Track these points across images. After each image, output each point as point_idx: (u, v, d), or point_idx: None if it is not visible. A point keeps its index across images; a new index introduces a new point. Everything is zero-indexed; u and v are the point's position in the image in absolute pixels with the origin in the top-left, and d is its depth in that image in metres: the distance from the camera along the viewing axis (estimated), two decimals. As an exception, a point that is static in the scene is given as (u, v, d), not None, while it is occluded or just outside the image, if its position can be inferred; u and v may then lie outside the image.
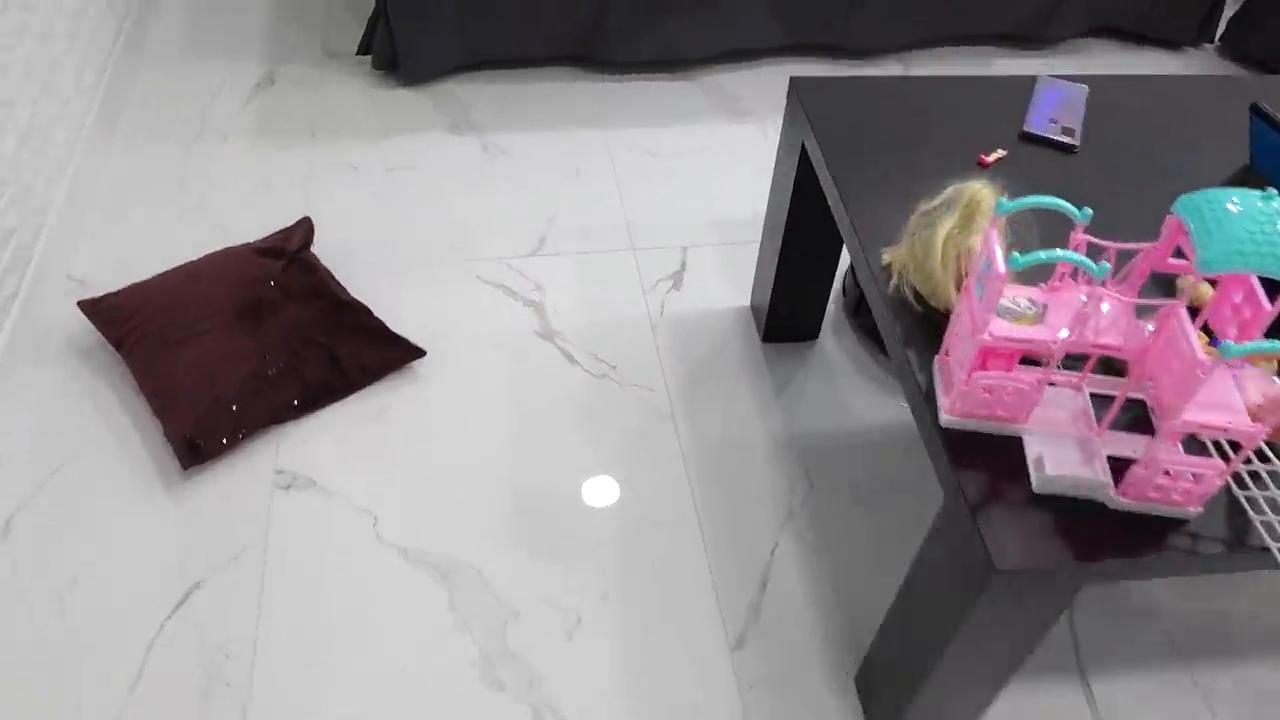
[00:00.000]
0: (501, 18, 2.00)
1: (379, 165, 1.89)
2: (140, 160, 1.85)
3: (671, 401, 1.51)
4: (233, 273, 1.46)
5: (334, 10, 2.27)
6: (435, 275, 1.68)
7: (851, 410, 1.52)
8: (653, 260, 1.74)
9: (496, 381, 1.52)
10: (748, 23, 2.10)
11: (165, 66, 2.08)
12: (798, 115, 1.33)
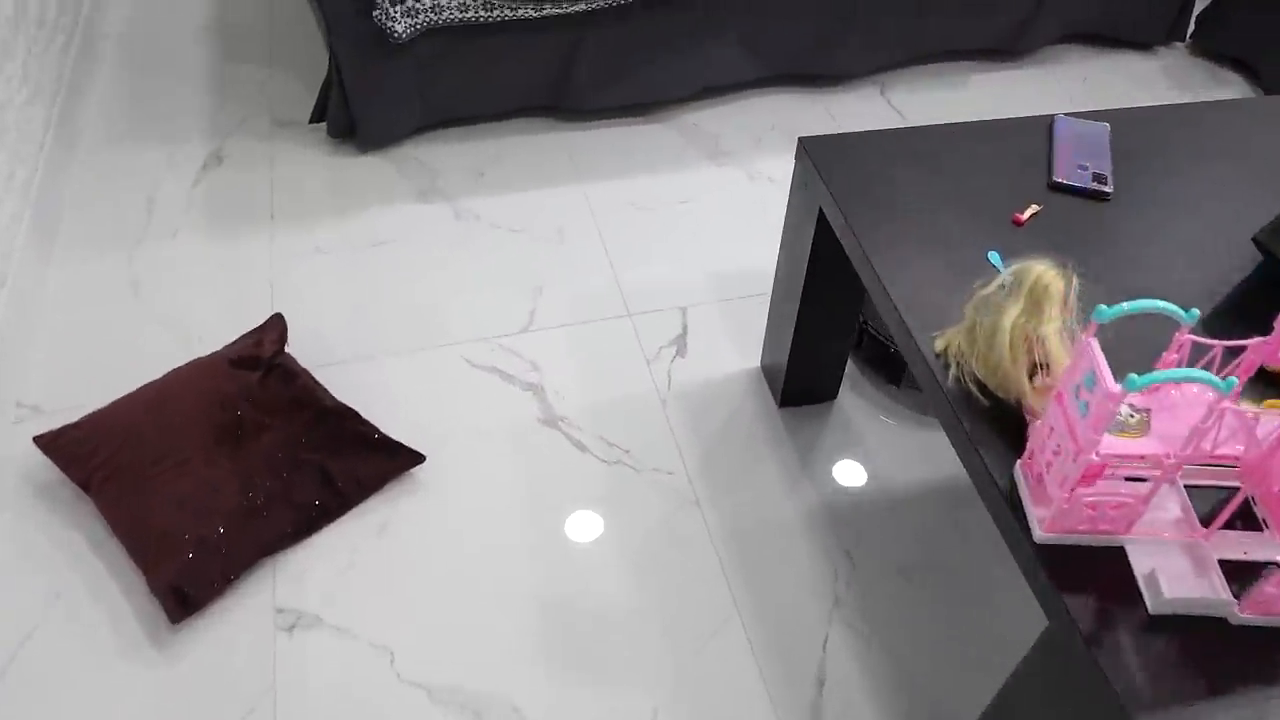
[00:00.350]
0: (462, 75, 1.89)
1: (347, 245, 1.76)
2: (85, 266, 1.70)
3: (693, 484, 1.42)
4: (205, 392, 1.33)
5: (278, 77, 2.14)
6: (422, 364, 1.56)
7: (881, 472, 1.44)
8: (652, 326, 1.64)
9: (503, 480, 1.41)
10: (722, 60, 2.02)
11: (102, 154, 1.93)
12: (811, 179, 1.24)
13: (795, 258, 1.34)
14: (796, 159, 1.28)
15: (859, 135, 1.27)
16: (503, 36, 1.85)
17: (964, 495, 1.42)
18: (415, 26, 1.76)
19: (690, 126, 2.06)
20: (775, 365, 1.51)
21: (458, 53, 1.85)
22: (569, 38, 1.89)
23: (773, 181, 1.94)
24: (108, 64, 2.14)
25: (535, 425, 1.49)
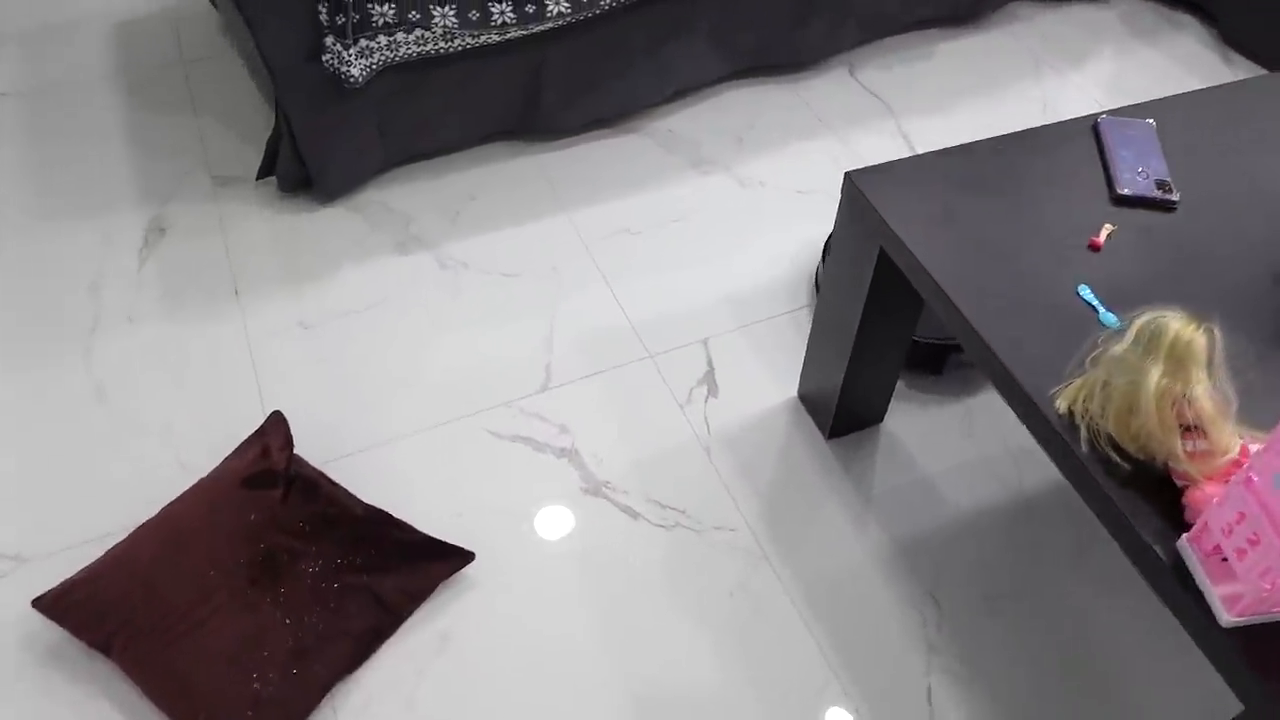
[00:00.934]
0: (424, 110, 1.74)
1: (329, 313, 1.61)
2: (36, 378, 1.51)
3: (758, 539, 1.35)
4: (225, 527, 1.19)
5: (208, 126, 1.94)
6: (442, 442, 1.45)
7: (945, 497, 1.40)
8: (676, 365, 1.55)
9: (558, 562, 1.32)
10: (689, 62, 1.90)
11: (25, 242, 1.71)
12: (868, 218, 1.16)
13: (847, 291, 1.27)
14: (844, 194, 1.20)
15: (904, 163, 1.19)
16: (464, 64, 1.71)
17: (1031, 509, 1.39)
18: (371, 67, 1.60)
19: (666, 134, 1.95)
20: (819, 395, 1.44)
21: (418, 87, 1.70)
22: (533, 58, 1.75)
23: (764, 185, 1.85)
24: (8, 131, 1.91)
25: (579, 496, 1.39)
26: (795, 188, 1.85)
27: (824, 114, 2.01)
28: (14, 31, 2.14)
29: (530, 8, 1.62)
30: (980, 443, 1.47)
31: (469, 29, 1.61)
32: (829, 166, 1.90)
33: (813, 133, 1.97)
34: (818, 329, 1.38)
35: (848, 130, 1.98)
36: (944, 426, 1.48)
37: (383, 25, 1.56)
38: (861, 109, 2.02)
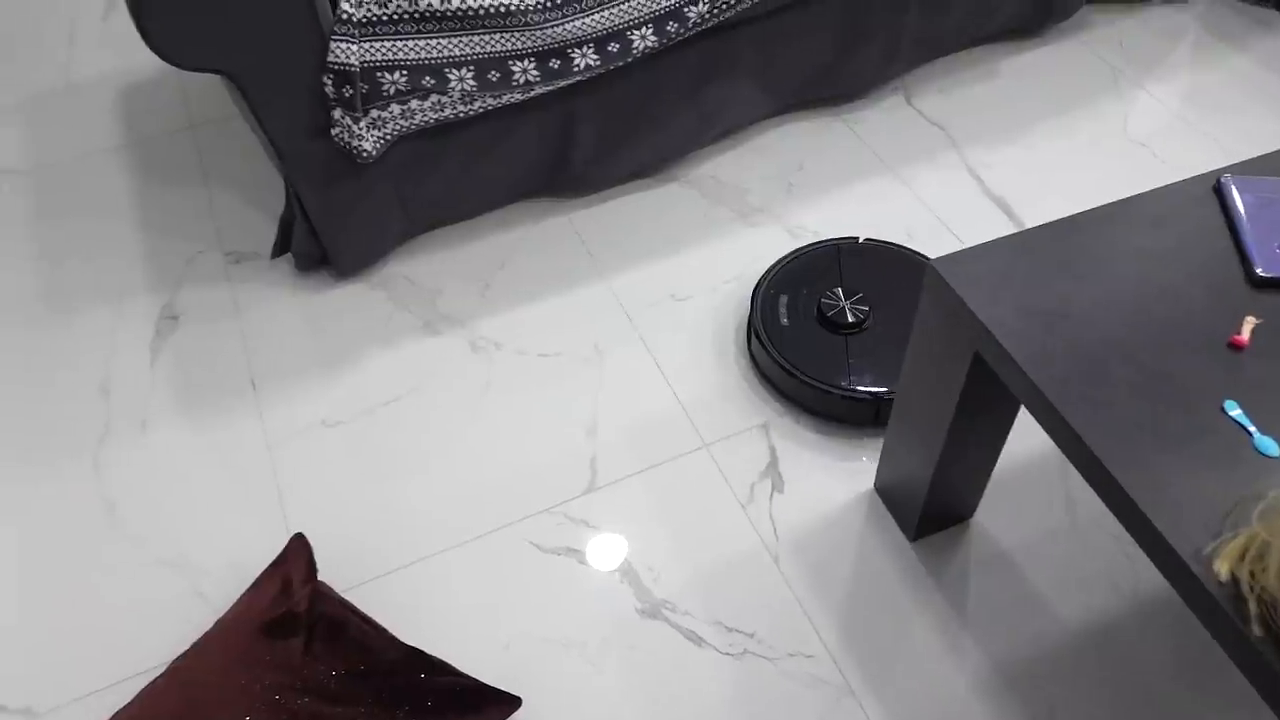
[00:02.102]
0: (447, 177, 1.60)
1: (354, 408, 1.48)
2: (40, 499, 1.40)
3: (840, 668, 1.19)
4: (244, 691, 1.07)
5: (220, 200, 1.82)
6: (480, 558, 1.31)
7: (1052, 606, 1.23)
8: (734, 455, 1.40)
9: (613, 701, 1.17)
10: (731, 103, 1.74)
11: (31, 339, 1.61)
12: (960, 316, 0.99)
13: (936, 387, 1.10)
14: (927, 285, 1.04)
15: (997, 246, 1.03)
16: (487, 126, 1.56)
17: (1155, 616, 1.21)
18: (385, 138, 1.46)
19: (710, 181, 1.79)
20: (901, 489, 1.28)
21: (438, 153, 1.55)
22: (561, 112, 1.60)
23: (818, 237, 1.69)
24: (10, 210, 1.81)
25: (636, 619, 1.24)
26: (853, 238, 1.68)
27: (880, 149, 1.83)
28: (16, 102, 2.04)
29: (555, 63, 1.47)
30: (1086, 535, 1.29)
31: (489, 90, 1.46)
32: (889, 210, 1.73)
33: (868, 171, 1.79)
34: (899, 418, 1.22)
35: (907, 166, 1.80)
36: (1044, 518, 1.31)
37: (395, 94, 1.42)
38: (921, 141, 1.85)
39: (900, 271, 1.53)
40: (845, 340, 1.43)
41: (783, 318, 1.45)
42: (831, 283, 1.50)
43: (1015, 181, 1.76)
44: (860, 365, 1.40)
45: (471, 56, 1.43)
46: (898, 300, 1.49)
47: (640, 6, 1.48)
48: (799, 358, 1.41)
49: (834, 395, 1.37)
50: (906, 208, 1.73)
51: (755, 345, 1.46)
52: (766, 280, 1.51)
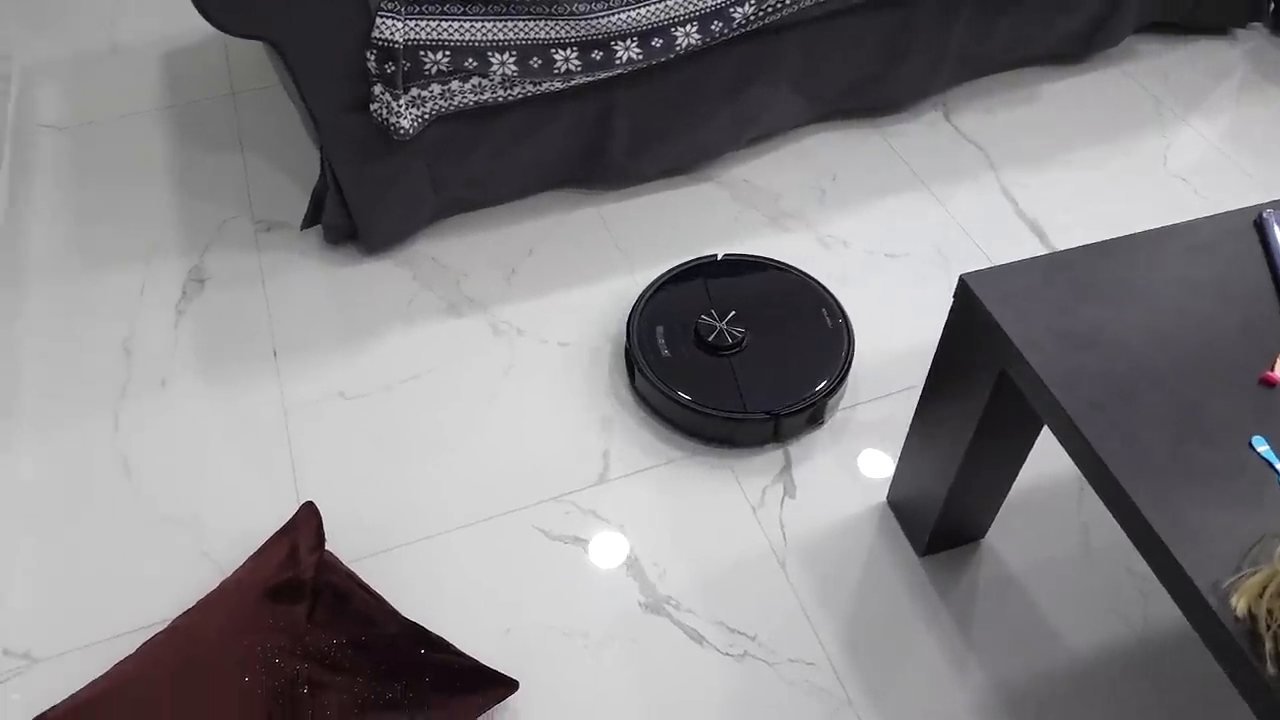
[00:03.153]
0: (480, 160, 1.60)
1: (372, 383, 1.49)
2: (60, 450, 1.41)
3: (840, 679, 1.18)
4: (245, 655, 1.07)
5: (255, 167, 1.83)
6: (487, 540, 1.31)
7: (1059, 633, 1.21)
8: (749, 458, 1.39)
9: (611, 694, 1.17)
10: (770, 107, 1.74)
11: (61, 290, 1.62)
12: (989, 334, 0.98)
13: (957, 404, 1.09)
14: (957, 299, 1.03)
15: (1031, 265, 1.02)
16: (525, 112, 1.56)
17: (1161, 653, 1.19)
18: (423, 118, 1.46)
19: (742, 184, 1.78)
20: (913, 504, 1.27)
21: (474, 136, 1.56)
22: (599, 104, 1.60)
23: (848, 246, 1.68)
24: (50, 165, 1.82)
25: (638, 613, 1.24)
26: (883, 250, 1.67)
27: (915, 164, 1.83)
28: (62, 60, 2.06)
29: (597, 54, 1.47)
30: (1099, 565, 1.28)
31: (530, 77, 1.47)
32: (920, 227, 1.72)
33: (903, 186, 1.79)
34: (917, 433, 1.21)
35: (942, 183, 1.79)
36: (1057, 544, 1.30)
37: (436, 73, 1.42)
38: (957, 159, 1.84)
39: (765, 283, 1.53)
40: (730, 361, 1.42)
41: (663, 349, 1.43)
42: (702, 305, 1.49)
43: (1050, 205, 1.75)
44: (749, 384, 1.39)
45: (515, 41, 1.43)
46: (768, 313, 1.49)
47: (686, 4, 1.48)
48: (688, 387, 1.39)
49: (729, 419, 1.36)
50: (938, 224, 1.72)
51: (640, 380, 1.43)
52: (639, 312, 1.48)
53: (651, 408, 1.44)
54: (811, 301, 1.50)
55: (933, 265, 1.65)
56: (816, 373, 1.41)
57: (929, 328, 1.56)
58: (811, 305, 1.50)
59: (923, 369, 1.50)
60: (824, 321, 1.48)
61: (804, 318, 1.48)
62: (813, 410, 1.38)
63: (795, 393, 1.38)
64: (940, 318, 1.58)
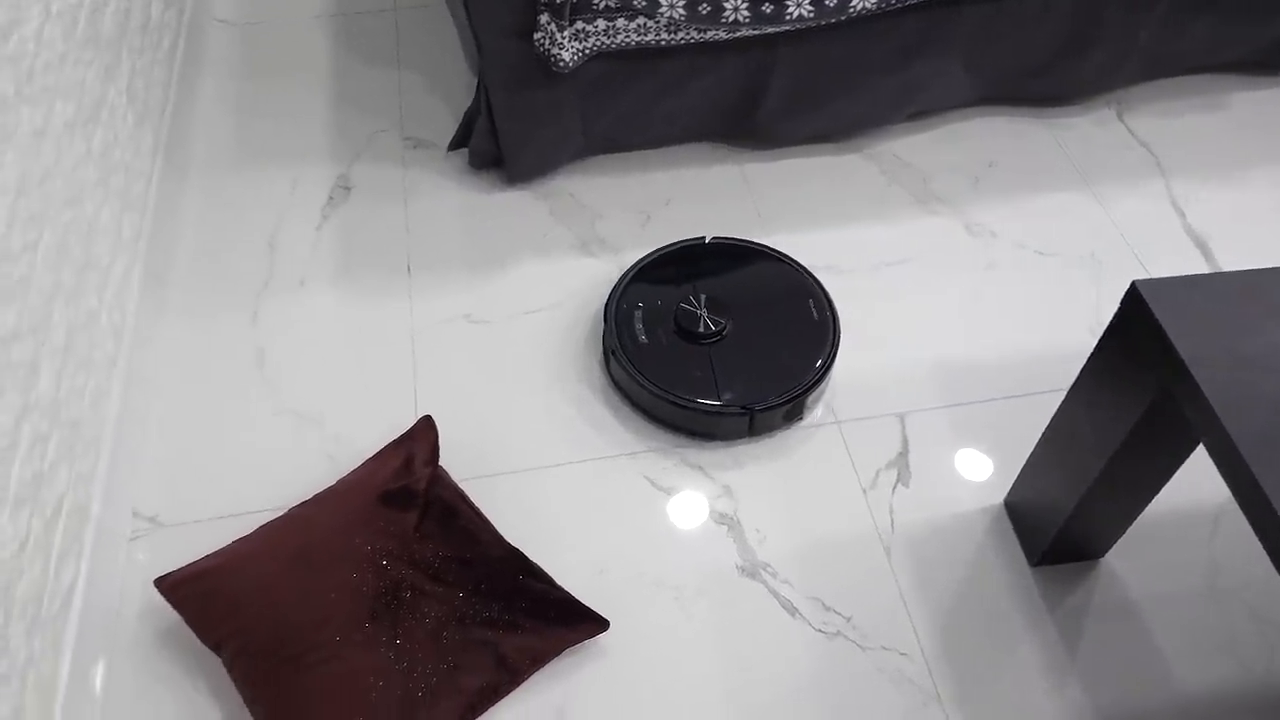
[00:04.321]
0: (632, 103, 1.59)
1: (499, 310, 1.50)
2: (201, 334, 1.47)
3: (932, 673, 1.16)
4: (356, 551, 1.11)
5: (409, 84, 1.86)
6: (593, 480, 1.32)
7: (1171, 668, 1.16)
8: (864, 438, 1.36)
9: (699, 649, 1.17)
10: (935, 84, 1.67)
11: (216, 181, 1.68)
12: (1157, 350, 0.93)
13: (1103, 415, 1.04)
14: (1124, 306, 0.97)
15: (1214, 281, 0.95)
16: (685, 58, 1.54)
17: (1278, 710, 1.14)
18: (583, 52, 1.45)
19: (892, 159, 1.72)
20: (1032, 510, 1.23)
21: (629, 78, 1.54)
22: (761, 59, 1.57)
23: (996, 238, 1.61)
24: (217, 61, 1.89)
25: (733, 575, 1.23)
26: (1034, 247, 1.60)
27: (1080, 161, 1.73)
28: (240, -43, 2.12)
29: (767, 7, 1.43)
30: (1223, 605, 1.21)
31: (696, 23, 1.44)
32: (1077, 227, 1.63)
33: (1063, 182, 1.70)
34: (1052, 439, 1.16)
35: (1106, 185, 1.70)
36: (1182, 577, 1.23)
37: (604, 9, 1.41)
38: (1126, 161, 1.73)
39: (754, 271, 1.46)
40: (708, 351, 1.36)
41: (640, 334, 1.36)
42: (684, 291, 1.43)
43: (1221, 222, 1.64)
44: (726, 376, 1.34)
45: (687, -16, 1.40)
46: (755, 302, 1.42)
47: (867, -36, 1.42)
48: (663, 375, 1.33)
49: (703, 412, 1.31)
50: (1095, 228, 1.63)
51: (614, 366, 1.38)
52: (618, 293, 1.43)
53: (623, 392, 1.38)
54: (800, 292, 1.44)
55: (1084, 269, 1.57)
56: (797, 367, 1.35)
57: (1071, 331, 1.49)
58: (799, 296, 1.44)
59: (1062, 373, 1.44)
60: (810, 313, 1.42)
61: (790, 308, 1.42)
62: (790, 407, 1.33)
63: (773, 387, 1.32)
64: (1084, 323, 1.50)
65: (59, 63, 1.27)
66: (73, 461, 1.17)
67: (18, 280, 1.09)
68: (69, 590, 1.12)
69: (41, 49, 1.22)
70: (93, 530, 1.18)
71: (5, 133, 1.10)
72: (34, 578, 1.05)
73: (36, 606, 1.05)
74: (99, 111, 1.37)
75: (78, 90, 1.31)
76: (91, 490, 1.20)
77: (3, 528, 1.00)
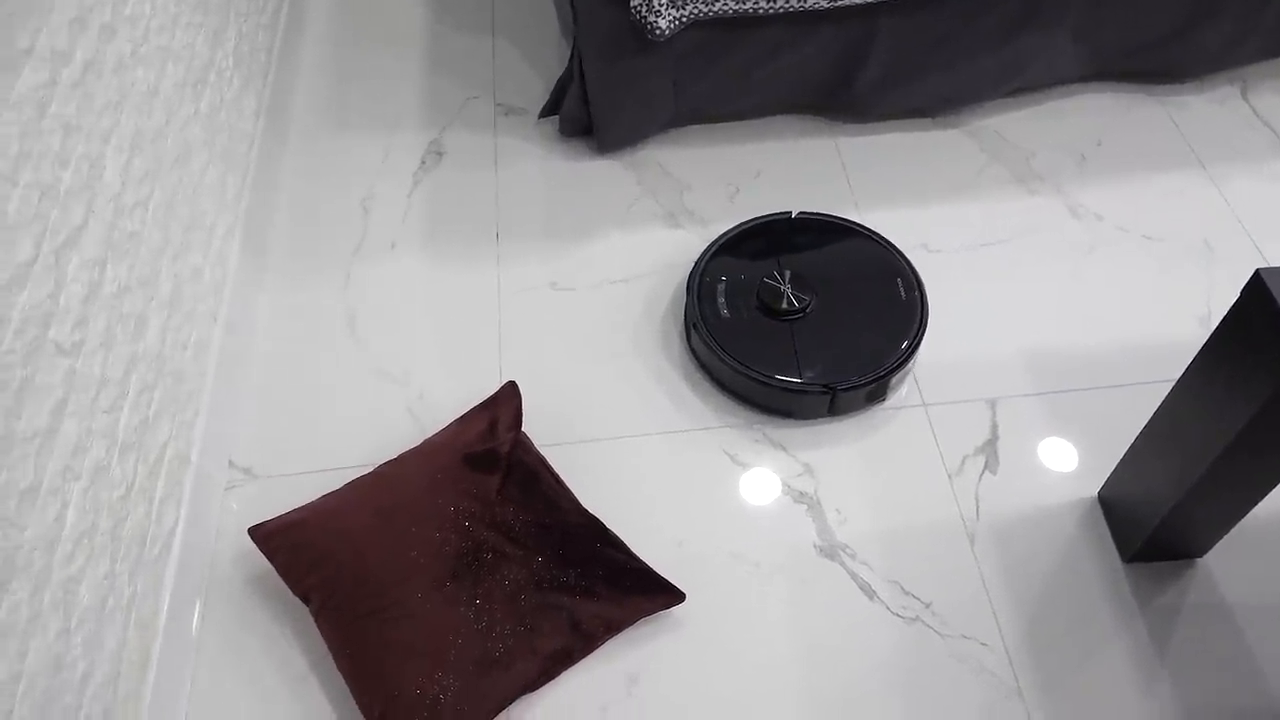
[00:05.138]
0: (726, 72, 1.56)
1: (585, 280, 1.51)
2: (299, 290, 1.51)
3: (1014, 666, 1.13)
4: (441, 510, 1.13)
5: (502, 51, 1.86)
6: (674, 453, 1.31)
7: (1264, 679, 1.11)
8: (952, 422, 1.33)
9: (774, 626, 1.16)
10: (1041, 57, 1.60)
11: (314, 144, 1.72)
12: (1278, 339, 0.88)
13: (1216, 408, 0.99)
14: (1246, 296, 0.92)
15: (1346, 266, 0.89)
16: (782, 27, 1.51)
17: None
18: (680, 20, 1.43)
19: (993, 136, 1.66)
20: (1128, 505, 1.18)
21: (725, 47, 1.52)
22: (860, 29, 1.52)
23: (1102, 220, 1.54)
24: (318, 27, 1.92)
25: (812, 555, 1.22)
26: (1141, 230, 1.53)
27: (1196, 141, 1.64)
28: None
29: (873, -26, 1.39)
30: (1330, 615, 1.15)
31: (797, -10, 1.40)
32: (1189, 211, 1.55)
33: (1177, 163, 1.62)
34: (1156, 431, 1.11)
35: (1223, 167, 1.61)
36: None
37: (703, -25, 1.39)
38: (1247, 142, 1.64)
39: (841, 248, 1.43)
40: (790, 327, 1.33)
41: (723, 308, 1.34)
42: (769, 266, 1.39)
43: (1349, 211, 1.54)
44: (808, 353, 1.31)
45: (787, -49, 1.37)
46: (841, 279, 1.39)
47: (978, -70, 1.37)
48: (744, 350, 1.31)
49: (783, 389, 1.29)
50: (1211, 212, 1.55)
51: (695, 339, 1.36)
52: (701, 266, 1.41)
53: (703, 366, 1.39)
54: (887, 270, 1.40)
55: (1195, 255, 1.50)
56: (882, 347, 1.32)
57: (1177, 320, 1.42)
58: (887, 275, 1.40)
59: (1165, 364, 1.38)
60: (898, 293, 1.37)
61: (877, 286, 1.39)
62: (874, 387, 1.30)
63: (856, 367, 1.29)
64: (1196, 312, 1.43)
65: (171, 25, 1.30)
66: (175, 412, 1.22)
67: (130, 235, 1.13)
68: (169, 535, 1.17)
69: (156, 11, 1.26)
70: (192, 478, 1.23)
71: (121, 92, 1.14)
72: (138, 521, 1.10)
73: (140, 548, 1.10)
74: (207, 74, 1.41)
75: (188, 53, 1.35)
76: (192, 439, 1.25)
77: (111, 471, 1.05)
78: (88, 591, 0.99)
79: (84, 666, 0.97)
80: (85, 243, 1.03)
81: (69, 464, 0.97)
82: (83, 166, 1.05)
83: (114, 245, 1.09)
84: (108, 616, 1.02)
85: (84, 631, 0.97)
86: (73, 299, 1.00)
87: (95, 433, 1.02)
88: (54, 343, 0.96)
